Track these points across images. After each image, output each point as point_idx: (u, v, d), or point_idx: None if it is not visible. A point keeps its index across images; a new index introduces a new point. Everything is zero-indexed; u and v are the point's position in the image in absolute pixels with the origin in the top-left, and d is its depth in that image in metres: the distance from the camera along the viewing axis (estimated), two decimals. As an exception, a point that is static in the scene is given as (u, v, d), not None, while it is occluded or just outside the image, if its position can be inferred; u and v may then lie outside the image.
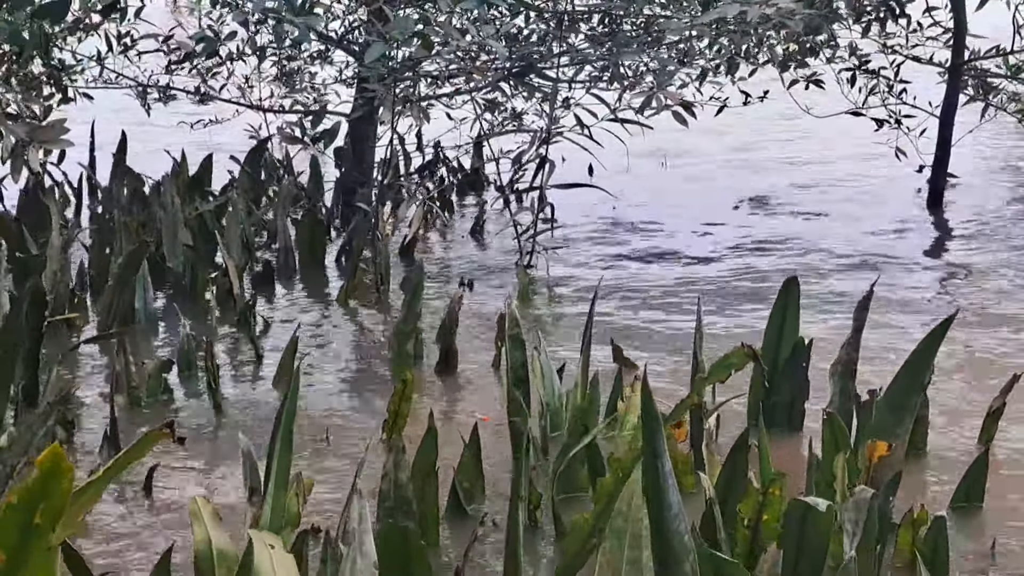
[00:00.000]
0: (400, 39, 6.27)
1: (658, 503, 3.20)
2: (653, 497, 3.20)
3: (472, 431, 4.55)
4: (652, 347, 6.19)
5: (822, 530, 3.57)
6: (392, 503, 3.67)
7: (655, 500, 3.20)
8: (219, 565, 3.04)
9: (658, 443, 3.18)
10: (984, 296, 7.11)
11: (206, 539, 3.07)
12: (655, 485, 3.19)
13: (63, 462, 2.43)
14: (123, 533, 4.29)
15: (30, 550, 2.47)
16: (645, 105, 6.90)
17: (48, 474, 2.43)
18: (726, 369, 3.63)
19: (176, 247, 7.05)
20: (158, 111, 9.00)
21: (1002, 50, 8.89)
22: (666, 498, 3.19)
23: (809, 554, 3.58)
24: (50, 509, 2.46)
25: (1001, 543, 4.22)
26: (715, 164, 10.68)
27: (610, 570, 3.30)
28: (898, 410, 4.40)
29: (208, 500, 3.20)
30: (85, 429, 5.15)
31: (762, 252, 8.06)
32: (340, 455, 4.94)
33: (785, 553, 3.59)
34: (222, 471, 4.81)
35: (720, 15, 6.59)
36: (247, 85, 8.72)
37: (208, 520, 3.09)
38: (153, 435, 2.77)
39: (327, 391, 5.69)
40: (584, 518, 3.72)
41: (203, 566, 3.06)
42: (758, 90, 8.88)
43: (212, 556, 3.05)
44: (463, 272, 7.60)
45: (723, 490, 3.85)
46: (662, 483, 3.18)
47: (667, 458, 3.20)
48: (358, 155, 8.32)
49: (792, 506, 3.53)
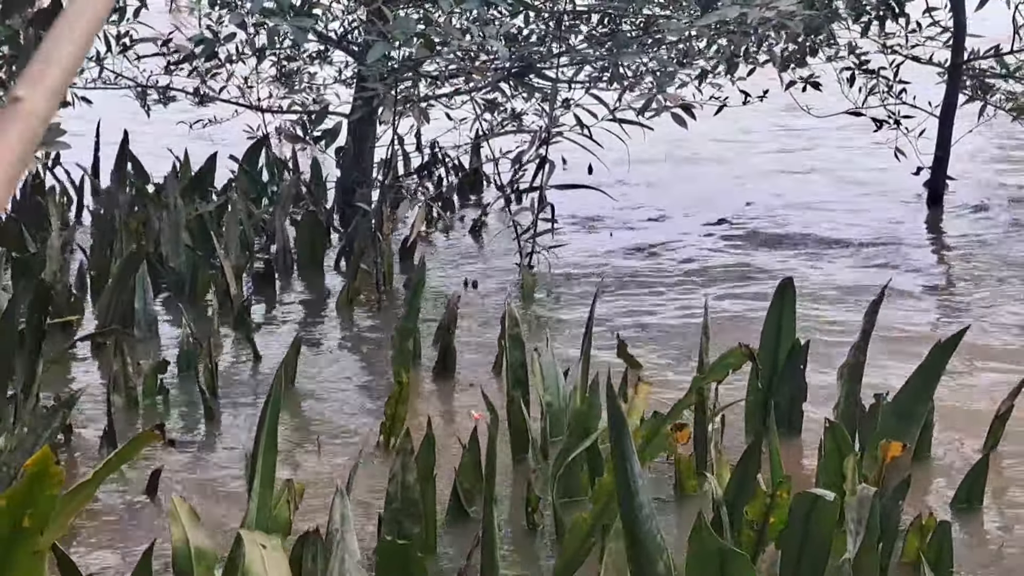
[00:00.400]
0: (401, 39, 6.25)
1: (629, 504, 3.21)
2: (624, 498, 3.21)
3: (472, 433, 4.53)
4: (655, 345, 6.17)
5: (826, 527, 3.55)
6: (399, 505, 3.65)
7: (626, 501, 3.21)
8: (197, 563, 3.03)
9: (625, 444, 3.20)
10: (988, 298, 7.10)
11: (183, 539, 3.06)
12: (625, 487, 3.20)
13: (51, 467, 2.41)
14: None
15: (17, 553, 2.45)
16: (646, 107, 6.88)
17: (36, 478, 2.41)
18: (724, 369, 3.62)
19: (178, 247, 7.03)
20: (158, 112, 8.98)
21: (1001, 50, 8.88)
22: (636, 499, 3.19)
23: (811, 551, 3.56)
24: (38, 513, 2.44)
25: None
26: (711, 164, 10.66)
27: (615, 571, 3.30)
28: (906, 417, 4.40)
29: (184, 500, 3.19)
30: (82, 430, 5.13)
31: (768, 248, 8.05)
32: (338, 457, 4.93)
33: (787, 550, 3.57)
34: (217, 471, 4.79)
35: (720, 17, 6.57)
36: (246, 86, 8.71)
37: (186, 519, 3.08)
38: (143, 437, 2.76)
39: (327, 392, 5.67)
40: (583, 518, 3.70)
41: (181, 565, 3.05)
42: (757, 90, 8.86)
43: (190, 555, 3.04)
44: (463, 273, 7.58)
45: (733, 493, 3.83)
46: (632, 485, 3.18)
47: (635, 459, 3.21)
48: (358, 155, 8.30)
49: (798, 500, 3.51)
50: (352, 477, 3.59)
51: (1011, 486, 4.69)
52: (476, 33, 6.70)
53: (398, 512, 3.68)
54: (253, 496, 3.42)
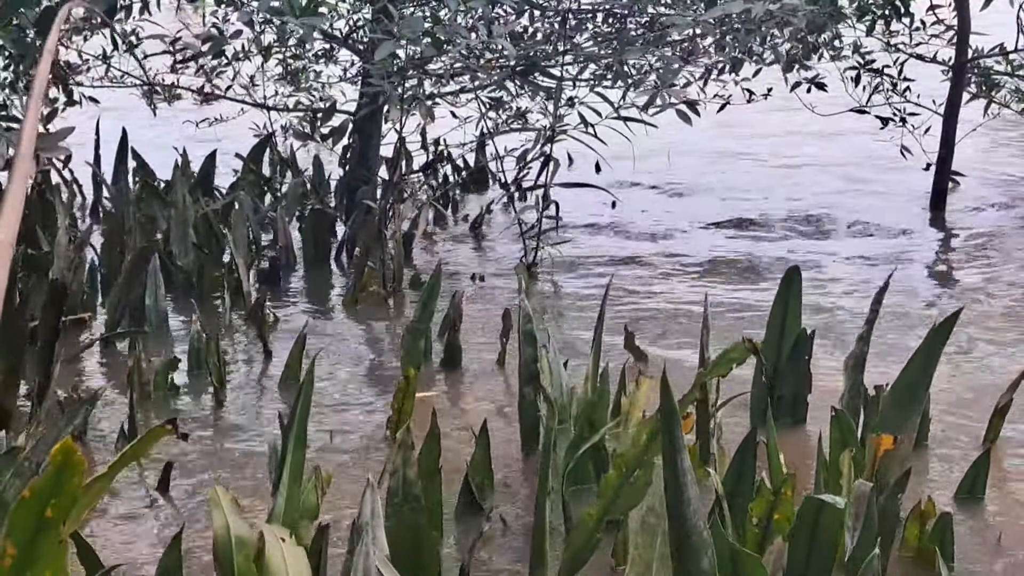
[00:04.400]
0: (409, 38, 6.29)
1: (677, 498, 3.22)
2: (672, 492, 3.22)
3: (481, 427, 4.57)
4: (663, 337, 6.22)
5: (833, 526, 3.58)
6: (400, 499, 3.70)
7: (674, 495, 3.22)
8: (238, 551, 3.09)
9: (677, 439, 3.20)
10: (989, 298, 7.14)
11: (225, 525, 3.12)
12: (674, 481, 3.21)
13: (75, 455, 2.46)
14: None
15: (42, 543, 2.50)
16: (650, 103, 6.92)
17: (61, 467, 2.46)
18: (727, 364, 3.66)
19: (187, 245, 7.08)
20: (163, 110, 9.03)
21: (1005, 48, 8.91)
22: (685, 493, 3.21)
23: (819, 550, 3.59)
24: (61, 503, 2.49)
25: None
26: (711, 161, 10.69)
27: (642, 564, 3.33)
28: (905, 405, 4.43)
29: (227, 489, 3.26)
30: (95, 425, 5.19)
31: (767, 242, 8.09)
32: (344, 452, 4.98)
33: (795, 548, 3.60)
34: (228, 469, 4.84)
35: (724, 12, 6.61)
36: (252, 84, 8.75)
37: (227, 507, 3.14)
38: (157, 431, 2.81)
39: (335, 388, 5.71)
40: (589, 513, 3.74)
41: (221, 552, 3.11)
42: (762, 88, 8.89)
43: (231, 542, 3.10)
44: (467, 270, 7.62)
45: (732, 485, 3.87)
46: (681, 479, 3.19)
47: (686, 453, 3.22)
48: (363, 153, 8.34)
49: (806, 503, 3.54)
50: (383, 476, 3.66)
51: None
52: (482, 31, 6.74)
53: (400, 507, 3.72)
54: (281, 490, 3.50)
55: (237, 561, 3.08)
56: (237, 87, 8.75)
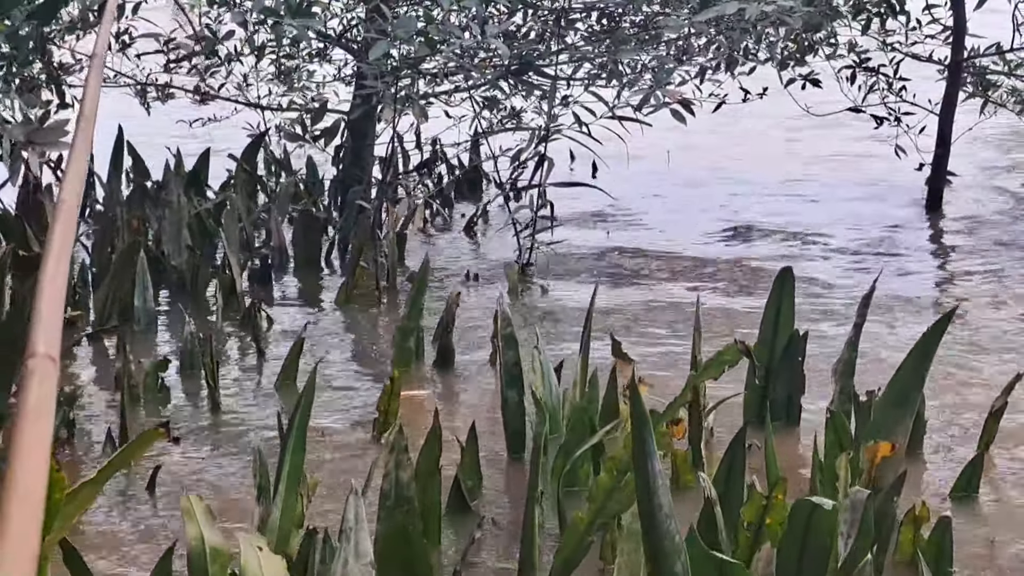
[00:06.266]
0: (403, 38, 6.27)
1: (648, 503, 3.21)
2: (643, 498, 3.21)
3: (469, 430, 4.55)
4: (652, 341, 6.19)
5: (826, 530, 3.56)
6: (392, 502, 3.68)
7: (645, 500, 3.20)
8: (212, 562, 3.05)
9: (648, 444, 3.18)
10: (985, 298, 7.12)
11: (199, 536, 3.08)
12: (645, 485, 3.20)
13: (53, 474, 2.43)
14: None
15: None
16: (643, 103, 6.90)
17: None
18: (719, 366, 3.64)
19: (180, 245, 7.05)
20: (156, 110, 8.99)
21: (1001, 47, 8.90)
22: (656, 498, 3.19)
23: (811, 554, 3.57)
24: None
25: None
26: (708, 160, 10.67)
27: (628, 571, 3.31)
28: (899, 407, 4.41)
29: (200, 498, 3.21)
30: (84, 427, 5.16)
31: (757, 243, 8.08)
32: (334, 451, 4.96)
33: (786, 553, 3.58)
34: (221, 470, 4.81)
35: (719, 12, 6.59)
36: (245, 84, 8.71)
37: (201, 518, 3.10)
38: (148, 435, 2.78)
39: (326, 389, 5.69)
40: (580, 516, 3.72)
41: (196, 564, 3.07)
42: (757, 87, 8.87)
43: (205, 554, 3.06)
44: (461, 269, 7.60)
45: (722, 486, 3.85)
46: (652, 484, 3.18)
47: (656, 458, 3.20)
48: (357, 153, 8.32)
49: (797, 506, 3.52)
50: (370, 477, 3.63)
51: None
52: (475, 31, 6.72)
53: (392, 510, 3.70)
54: (277, 497, 3.46)
55: (212, 571, 3.05)
56: (230, 87, 8.71)
